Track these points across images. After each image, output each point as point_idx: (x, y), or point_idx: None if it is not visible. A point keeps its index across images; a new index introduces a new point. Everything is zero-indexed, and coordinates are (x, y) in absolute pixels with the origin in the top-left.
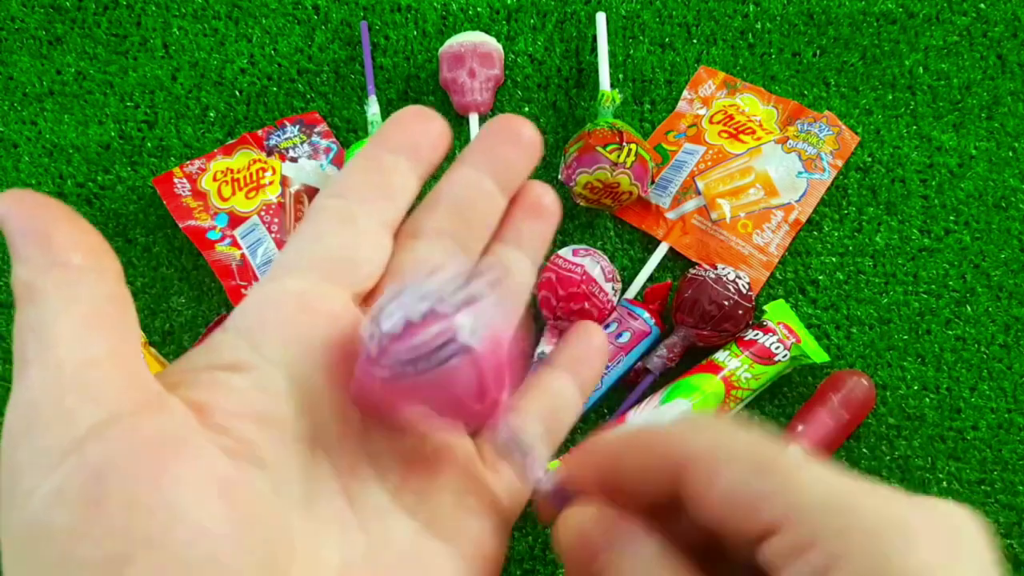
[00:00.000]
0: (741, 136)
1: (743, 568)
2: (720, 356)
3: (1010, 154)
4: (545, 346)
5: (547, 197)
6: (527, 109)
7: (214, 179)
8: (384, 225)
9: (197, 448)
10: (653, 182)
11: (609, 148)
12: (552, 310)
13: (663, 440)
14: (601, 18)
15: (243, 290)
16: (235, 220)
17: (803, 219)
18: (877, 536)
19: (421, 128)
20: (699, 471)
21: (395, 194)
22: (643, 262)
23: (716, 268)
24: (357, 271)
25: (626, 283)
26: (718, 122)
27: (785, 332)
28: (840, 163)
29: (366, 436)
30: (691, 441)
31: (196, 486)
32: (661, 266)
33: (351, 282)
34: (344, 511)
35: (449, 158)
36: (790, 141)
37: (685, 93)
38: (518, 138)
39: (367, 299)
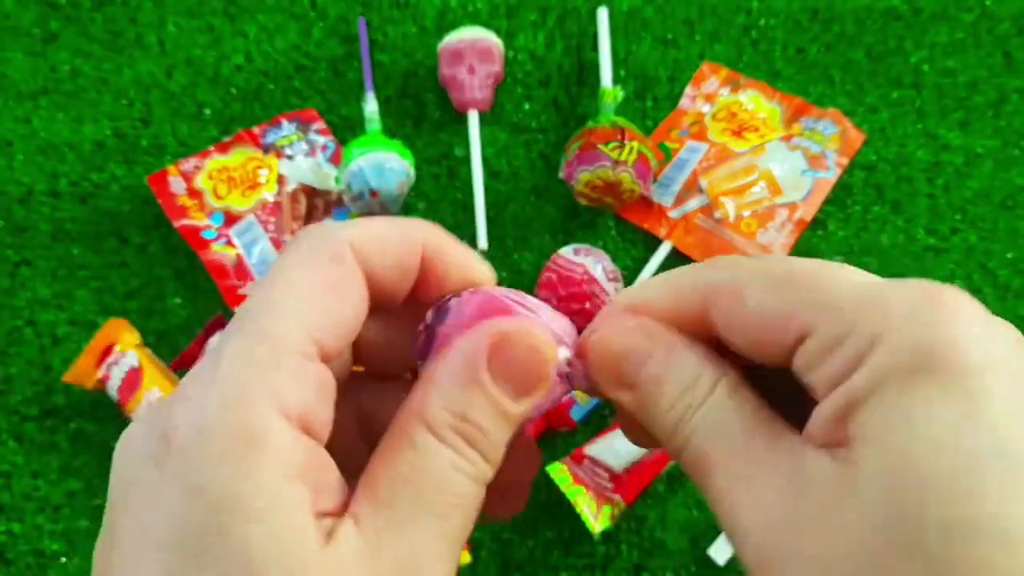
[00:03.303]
0: (745, 134)
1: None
2: None
3: (1016, 152)
4: None
5: None
6: (527, 106)
7: (209, 177)
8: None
9: None
10: (655, 180)
11: (611, 146)
12: None
13: (688, 280)
14: (603, 14)
15: (239, 290)
16: (230, 219)
17: (808, 218)
18: (914, 313)
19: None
20: (725, 298)
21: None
22: (645, 262)
23: None
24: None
25: (628, 283)
26: (721, 119)
27: None
28: (845, 161)
29: None
30: (713, 273)
31: None
32: (664, 266)
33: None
34: None
35: (449, 158)
36: (794, 139)
37: (688, 90)
38: None
39: None
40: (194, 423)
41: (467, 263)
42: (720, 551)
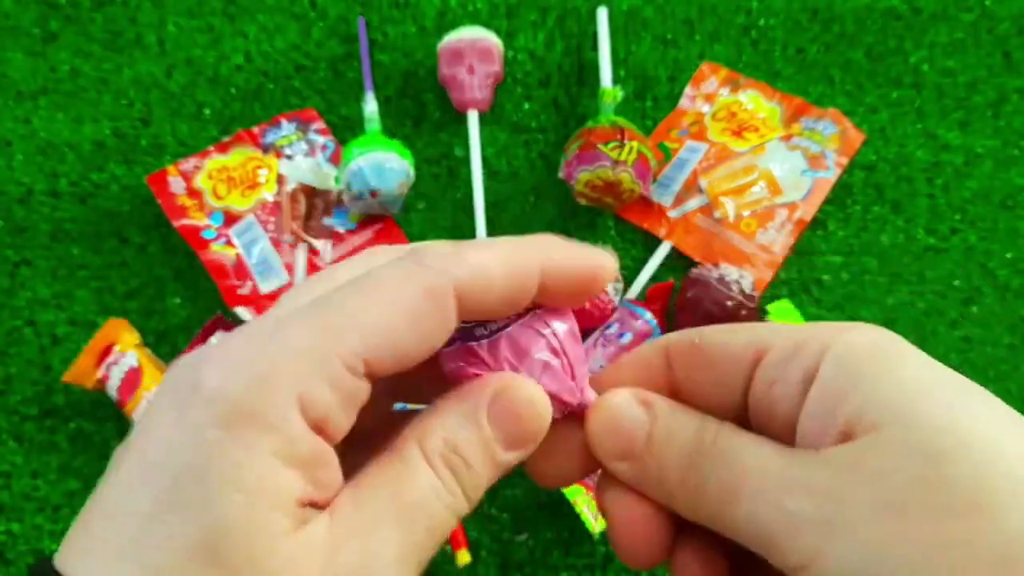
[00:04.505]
0: (744, 133)
1: None
2: None
3: (1016, 152)
4: None
5: None
6: (527, 106)
7: (209, 177)
8: None
9: None
10: (655, 180)
11: (610, 146)
12: None
13: (648, 345)
14: (603, 14)
15: (238, 290)
16: (230, 219)
17: (807, 218)
18: (852, 326)
19: None
20: (684, 342)
21: None
22: (645, 262)
23: (719, 268)
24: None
25: (628, 283)
26: (721, 119)
27: None
28: (845, 161)
29: None
30: (671, 335)
31: None
32: (663, 266)
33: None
34: None
35: (449, 158)
36: (794, 139)
37: (687, 90)
38: None
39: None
40: (223, 386)
41: (590, 270)
42: None
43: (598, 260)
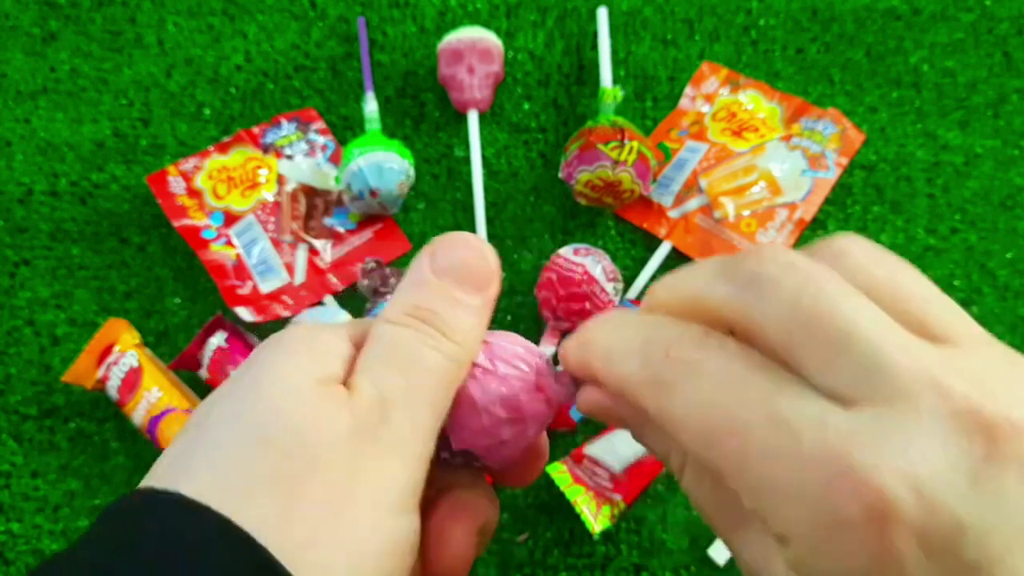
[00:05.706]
0: (744, 133)
1: None
2: None
3: (1016, 152)
4: (545, 347)
5: None
6: (527, 106)
7: (209, 177)
8: None
9: None
10: (655, 180)
11: (610, 146)
12: (553, 310)
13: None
14: (603, 14)
15: (238, 290)
16: (230, 219)
17: (807, 218)
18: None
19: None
20: None
21: None
22: (645, 262)
23: None
24: None
25: (628, 283)
26: (721, 119)
27: None
28: (845, 161)
29: None
30: None
31: None
32: (663, 266)
33: None
34: None
35: (449, 158)
36: (794, 139)
37: (687, 90)
38: None
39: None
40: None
41: None
42: (720, 551)
43: None
